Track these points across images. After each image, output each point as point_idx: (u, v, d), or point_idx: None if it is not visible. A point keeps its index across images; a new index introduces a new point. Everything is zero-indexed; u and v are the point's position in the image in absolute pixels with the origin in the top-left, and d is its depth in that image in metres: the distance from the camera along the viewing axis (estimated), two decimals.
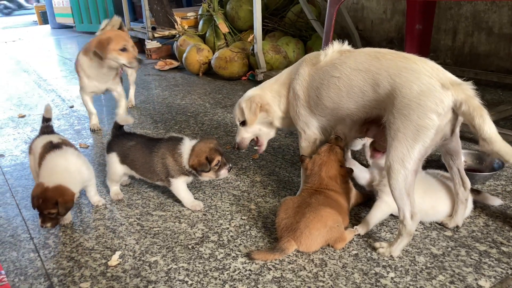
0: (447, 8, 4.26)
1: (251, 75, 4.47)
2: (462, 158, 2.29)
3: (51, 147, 2.02)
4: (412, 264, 1.65)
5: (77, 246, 1.85)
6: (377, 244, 1.74)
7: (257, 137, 2.20)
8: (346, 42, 1.89)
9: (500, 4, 3.86)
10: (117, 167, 2.18)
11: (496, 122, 3.03)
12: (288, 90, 2.02)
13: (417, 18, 2.83)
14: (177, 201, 2.16)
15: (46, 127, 2.21)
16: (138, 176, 2.20)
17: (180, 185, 2.09)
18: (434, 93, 1.51)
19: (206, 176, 2.06)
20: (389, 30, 4.89)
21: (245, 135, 2.15)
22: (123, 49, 2.84)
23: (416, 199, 1.63)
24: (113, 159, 2.18)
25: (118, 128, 2.24)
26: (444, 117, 1.53)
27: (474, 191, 1.99)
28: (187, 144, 2.06)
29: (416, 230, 1.84)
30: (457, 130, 1.67)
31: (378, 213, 1.85)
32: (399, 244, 1.67)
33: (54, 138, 2.10)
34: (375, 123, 1.80)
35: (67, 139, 2.18)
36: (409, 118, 1.54)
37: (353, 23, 4.94)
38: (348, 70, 1.74)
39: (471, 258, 1.66)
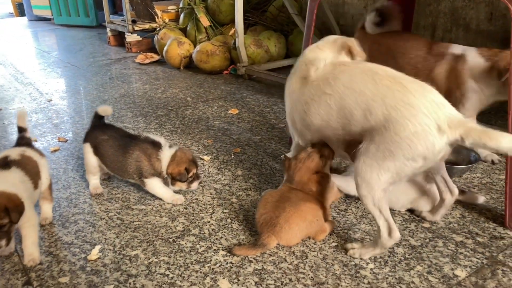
0: (426, 5, 4.32)
1: (233, 69, 4.46)
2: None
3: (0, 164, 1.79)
4: (391, 255, 1.67)
5: (56, 241, 1.83)
6: (348, 246, 1.71)
7: None
8: (343, 53, 1.80)
9: (478, 1, 3.92)
10: (90, 158, 2.17)
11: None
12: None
13: None
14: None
15: (21, 138, 1.95)
16: (107, 170, 2.20)
17: (155, 184, 2.09)
18: (427, 137, 1.41)
19: (178, 186, 2.08)
20: None
21: None
22: None
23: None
24: (87, 149, 2.18)
25: (98, 119, 2.22)
26: (431, 159, 1.46)
27: (459, 191, 2.02)
28: (167, 152, 2.07)
29: (395, 222, 1.87)
30: None
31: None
32: (371, 252, 1.65)
33: (14, 154, 1.81)
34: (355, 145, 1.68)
35: (37, 152, 1.92)
36: (394, 155, 1.46)
37: (334, 18, 4.96)
38: (341, 88, 1.62)
39: (448, 249, 1.70)
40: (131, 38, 5.81)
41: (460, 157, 2.31)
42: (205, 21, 4.92)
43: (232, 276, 1.59)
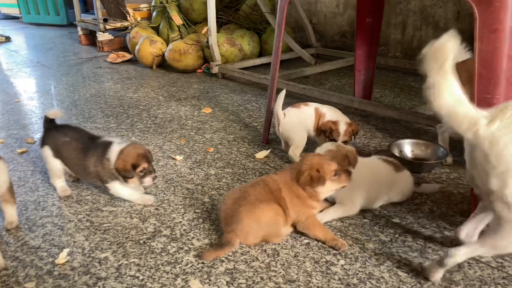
0: (396, 3, 4.38)
1: (206, 67, 4.43)
2: (408, 146, 2.39)
3: None
4: (362, 251, 1.69)
5: (22, 245, 1.78)
6: None
7: None
8: None
9: (445, 0, 4.00)
10: (52, 161, 2.13)
11: None
12: None
13: (367, 12, 2.88)
14: None
15: None
16: (70, 172, 2.17)
17: (117, 188, 2.06)
18: None
19: (131, 182, 2.02)
20: (341, 24, 4.97)
21: None
22: None
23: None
24: (47, 153, 2.13)
25: (49, 122, 2.17)
26: None
27: (415, 184, 2.07)
28: (116, 148, 2.02)
29: (365, 218, 1.90)
30: None
31: (339, 211, 1.90)
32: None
33: None
34: None
35: None
36: None
37: (307, 17, 4.99)
38: None
39: (417, 243, 1.72)
40: (102, 37, 5.72)
41: (429, 152, 2.35)
42: (177, 19, 4.88)
43: (204, 276, 1.57)
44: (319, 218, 1.83)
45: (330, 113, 2.44)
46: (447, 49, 1.27)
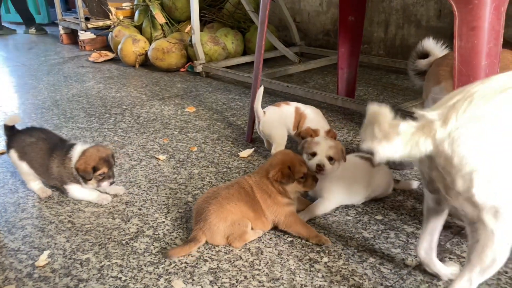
0: (379, 1, 4.41)
1: (190, 66, 4.41)
2: None
3: None
4: (345, 248, 1.70)
5: (1, 248, 1.75)
6: None
7: None
8: None
9: None
10: (20, 165, 2.11)
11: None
12: None
13: (350, 10, 2.89)
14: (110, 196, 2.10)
15: None
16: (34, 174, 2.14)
17: (74, 189, 2.06)
18: None
19: (89, 184, 2.02)
20: (325, 22, 4.99)
21: None
22: None
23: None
24: (14, 157, 2.10)
25: (9, 129, 2.14)
26: None
27: (394, 181, 2.09)
28: (79, 148, 2.02)
29: (348, 216, 1.91)
30: None
31: (321, 207, 1.91)
32: None
33: None
34: None
35: None
36: None
37: (291, 15, 5.00)
38: None
39: (400, 240, 1.74)
40: (84, 36, 5.65)
41: None
42: (160, 18, 4.84)
43: (187, 276, 1.56)
44: (302, 217, 1.84)
45: (312, 116, 2.43)
46: (379, 115, 1.13)
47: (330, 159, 1.85)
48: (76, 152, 2.00)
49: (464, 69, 1.72)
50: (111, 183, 2.04)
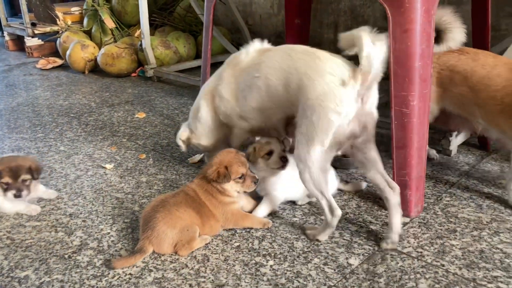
0: (328, 3, 4.49)
1: (141, 71, 4.34)
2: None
3: None
4: (291, 250, 1.71)
5: None
6: (308, 232, 1.79)
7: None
8: (266, 41, 1.93)
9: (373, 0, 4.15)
10: None
11: None
12: (213, 97, 2.01)
13: (295, 13, 2.93)
14: (53, 209, 2.04)
15: None
16: None
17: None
18: (334, 93, 1.55)
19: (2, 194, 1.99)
20: (277, 24, 5.03)
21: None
22: None
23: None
24: None
25: None
26: (346, 116, 1.56)
27: (343, 182, 2.13)
28: None
29: (295, 217, 1.93)
30: (371, 128, 1.68)
31: (269, 205, 1.93)
32: (323, 232, 1.74)
33: None
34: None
35: None
36: (311, 120, 1.58)
37: (243, 18, 5.00)
38: (266, 69, 1.77)
39: (344, 239, 1.77)
40: (31, 42, 5.45)
41: None
42: (110, 23, 4.74)
43: (131, 287, 1.53)
44: (259, 214, 1.90)
45: None
46: None
47: (284, 151, 1.90)
48: None
49: (399, 70, 1.77)
50: (16, 196, 1.97)
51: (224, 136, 2.12)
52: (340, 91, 1.54)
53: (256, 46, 1.90)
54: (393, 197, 1.72)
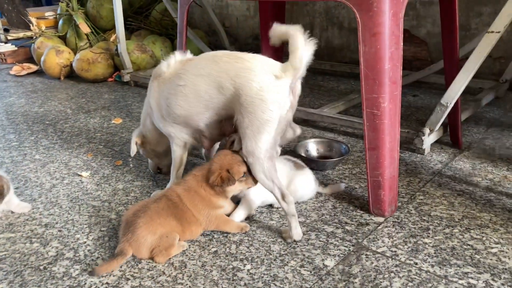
0: (303, 5, 4.53)
1: (118, 76, 4.31)
2: (314, 146, 2.49)
3: None
4: (268, 253, 1.73)
5: None
6: (284, 235, 1.83)
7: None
8: (188, 52, 2.01)
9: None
10: None
11: (347, 110, 3.29)
12: (149, 109, 2.11)
13: (269, 16, 2.95)
14: (28, 219, 2.01)
15: None
16: None
17: None
18: (271, 87, 1.69)
19: None
20: (253, 26, 5.05)
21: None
22: None
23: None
24: None
25: None
26: (284, 106, 1.72)
27: (322, 185, 2.16)
28: None
29: (272, 220, 1.94)
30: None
31: (247, 209, 1.95)
32: (293, 226, 1.77)
33: None
34: (228, 122, 1.87)
35: None
36: (255, 114, 1.69)
37: (219, 20, 5.01)
38: (191, 77, 1.84)
39: (320, 240, 1.79)
40: (4, 48, 5.37)
41: (333, 151, 2.46)
42: (85, 27, 4.69)
43: None
44: (236, 218, 1.91)
45: None
46: None
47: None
48: None
49: (369, 73, 1.81)
50: None
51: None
52: (276, 85, 1.69)
53: (177, 58, 1.97)
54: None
